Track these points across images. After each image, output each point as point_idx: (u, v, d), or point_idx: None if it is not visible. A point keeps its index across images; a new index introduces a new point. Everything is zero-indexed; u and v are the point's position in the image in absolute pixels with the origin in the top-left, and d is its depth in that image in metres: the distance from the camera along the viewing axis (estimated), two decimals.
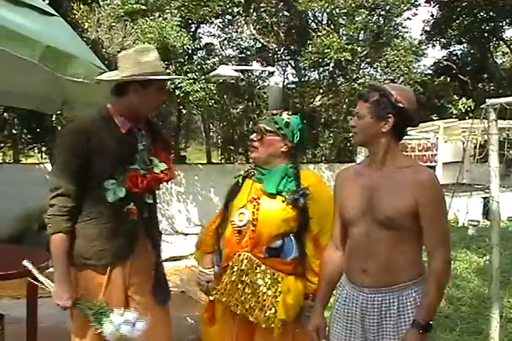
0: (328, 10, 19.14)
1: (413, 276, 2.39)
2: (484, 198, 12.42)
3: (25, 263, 2.69)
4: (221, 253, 2.92)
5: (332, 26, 20.24)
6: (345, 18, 19.58)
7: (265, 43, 22.40)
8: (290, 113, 2.95)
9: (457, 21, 22.99)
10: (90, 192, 2.61)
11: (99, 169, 2.58)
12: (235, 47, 24.58)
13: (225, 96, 21.81)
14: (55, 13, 3.53)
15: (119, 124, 2.66)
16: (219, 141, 28.72)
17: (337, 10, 19.18)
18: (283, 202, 2.79)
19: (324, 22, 21.58)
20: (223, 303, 2.83)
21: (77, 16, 13.12)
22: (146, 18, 16.94)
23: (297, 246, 2.79)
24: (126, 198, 2.60)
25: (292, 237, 2.80)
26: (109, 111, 2.69)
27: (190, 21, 20.61)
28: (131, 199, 2.62)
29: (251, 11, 21.23)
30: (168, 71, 3.08)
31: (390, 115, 2.34)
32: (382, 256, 2.37)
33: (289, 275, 2.79)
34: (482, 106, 3.96)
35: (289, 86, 23.48)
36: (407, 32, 22.92)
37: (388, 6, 19.77)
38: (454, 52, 26.28)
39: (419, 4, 23.08)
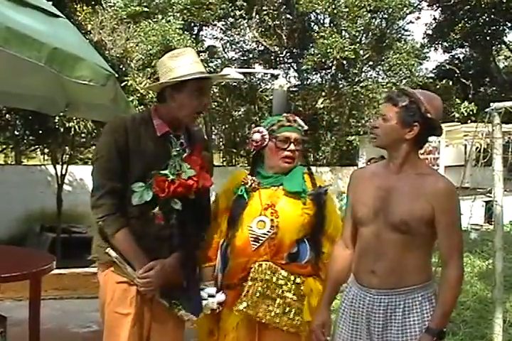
0: (329, 10, 19.12)
1: (421, 280, 2.39)
2: (486, 202, 12.38)
3: (109, 251, 2.58)
4: (225, 265, 2.82)
5: (334, 28, 20.23)
6: (347, 19, 19.56)
7: (267, 46, 22.43)
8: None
9: (459, 25, 22.97)
10: (122, 193, 2.59)
11: (131, 169, 2.56)
12: (237, 50, 24.63)
13: (227, 99, 21.84)
14: (61, 15, 3.53)
15: (156, 127, 2.63)
16: (221, 143, 28.71)
17: (339, 11, 19.16)
18: (304, 204, 2.76)
19: (326, 24, 21.59)
20: (246, 315, 2.72)
21: (80, 18, 13.13)
22: (149, 21, 16.99)
23: (310, 248, 2.78)
24: (152, 202, 2.55)
25: (306, 240, 2.79)
26: (150, 112, 2.69)
27: (192, 24, 20.67)
28: (156, 204, 2.56)
29: (253, 14, 21.26)
30: (207, 71, 3.02)
31: (416, 124, 2.32)
32: (391, 258, 2.37)
33: (307, 277, 2.77)
34: (486, 110, 3.95)
35: (291, 89, 23.48)
36: (409, 35, 22.91)
37: (391, 9, 19.79)
38: (456, 56, 26.29)
39: (422, 8, 23.14)
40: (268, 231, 2.73)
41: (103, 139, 2.62)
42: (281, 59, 23.55)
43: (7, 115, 14.46)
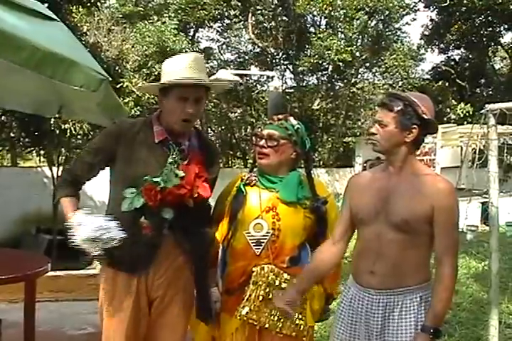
0: (326, 12, 19.14)
1: (419, 281, 2.42)
2: (482, 203, 12.40)
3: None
4: (224, 268, 2.80)
5: (331, 30, 20.24)
6: (343, 21, 19.57)
7: (263, 48, 22.42)
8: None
9: (456, 26, 23.01)
10: (115, 197, 2.59)
11: (124, 173, 2.56)
12: (233, 52, 24.63)
13: (223, 101, 21.83)
14: (56, 18, 3.51)
15: (155, 133, 2.61)
16: (217, 145, 28.70)
17: (336, 13, 19.17)
18: (305, 208, 2.75)
19: (323, 26, 21.60)
20: (247, 320, 2.68)
21: (75, 19, 13.10)
22: (145, 22, 16.99)
23: (311, 253, 2.76)
24: (140, 210, 2.51)
25: (307, 245, 2.79)
26: (152, 118, 2.68)
27: (188, 25, 20.67)
28: (144, 213, 2.52)
29: (249, 15, 21.25)
30: (202, 78, 2.94)
31: (415, 126, 2.36)
32: (391, 259, 2.40)
33: None
34: (482, 111, 3.95)
35: (287, 90, 23.49)
36: (406, 37, 22.89)
37: (387, 11, 19.80)
38: (452, 57, 26.30)
39: (418, 9, 23.15)
40: (267, 232, 2.70)
41: (97, 138, 2.75)
42: (277, 60, 23.53)
43: (3, 117, 14.41)
